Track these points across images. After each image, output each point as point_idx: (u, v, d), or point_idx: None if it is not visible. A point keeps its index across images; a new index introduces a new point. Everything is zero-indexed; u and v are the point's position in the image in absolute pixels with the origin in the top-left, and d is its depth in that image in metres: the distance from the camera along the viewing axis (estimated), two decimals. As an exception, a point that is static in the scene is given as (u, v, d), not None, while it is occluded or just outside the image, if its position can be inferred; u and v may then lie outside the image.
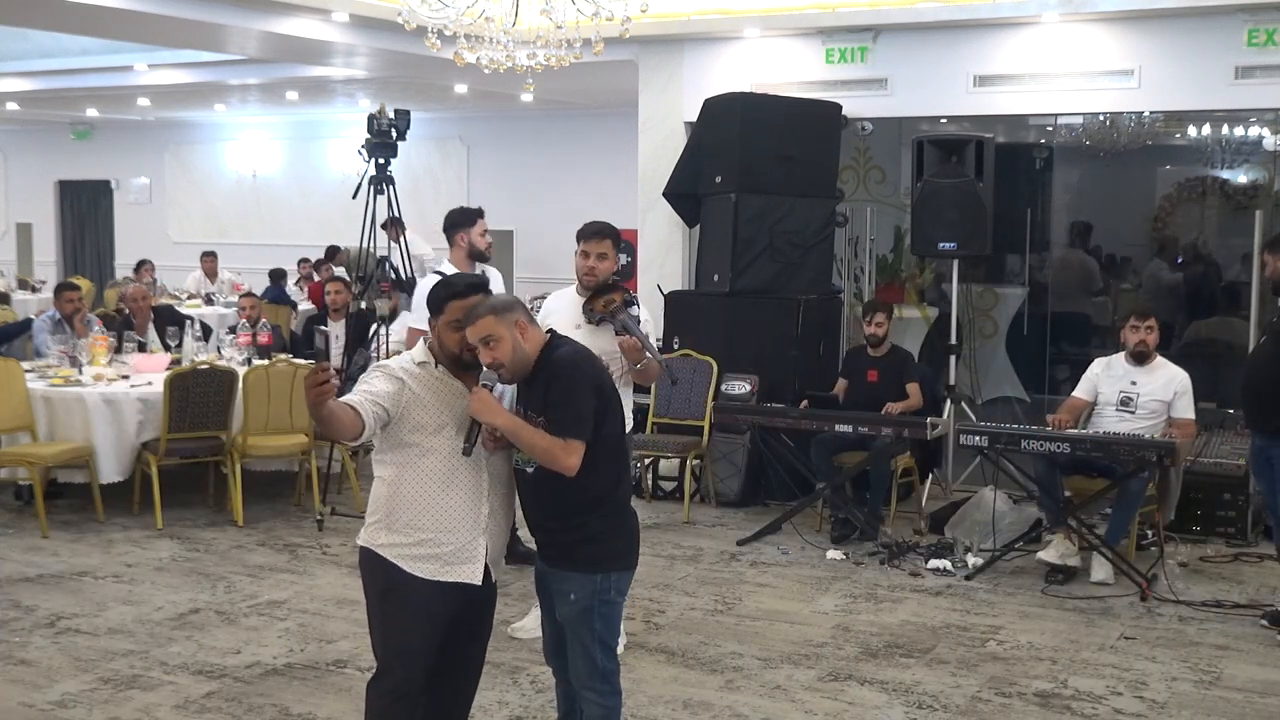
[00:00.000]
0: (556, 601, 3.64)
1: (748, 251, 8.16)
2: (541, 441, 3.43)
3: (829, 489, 7.23)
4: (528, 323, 3.52)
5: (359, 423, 3.35)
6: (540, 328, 3.63)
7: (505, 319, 3.44)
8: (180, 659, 5.21)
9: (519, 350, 3.46)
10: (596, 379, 3.55)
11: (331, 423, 3.30)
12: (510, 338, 3.44)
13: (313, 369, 3.22)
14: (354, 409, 3.35)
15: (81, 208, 19.63)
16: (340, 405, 3.33)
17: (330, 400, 3.23)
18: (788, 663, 5.23)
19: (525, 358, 3.49)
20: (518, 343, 3.45)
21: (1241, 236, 10.12)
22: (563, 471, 3.44)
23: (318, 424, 3.34)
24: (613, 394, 3.61)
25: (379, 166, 8.31)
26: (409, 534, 3.47)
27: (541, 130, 15.55)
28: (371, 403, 3.39)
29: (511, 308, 3.50)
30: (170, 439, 7.21)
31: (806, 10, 8.71)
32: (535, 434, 3.43)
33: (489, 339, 3.42)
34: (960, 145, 8.02)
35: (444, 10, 6.48)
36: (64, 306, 8.75)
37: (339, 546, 6.93)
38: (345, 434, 3.38)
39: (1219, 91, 7.95)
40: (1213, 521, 7.12)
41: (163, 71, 12.44)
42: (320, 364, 3.24)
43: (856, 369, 7.72)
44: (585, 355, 3.61)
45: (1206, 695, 4.93)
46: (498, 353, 3.43)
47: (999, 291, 10.95)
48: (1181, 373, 6.59)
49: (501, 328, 3.43)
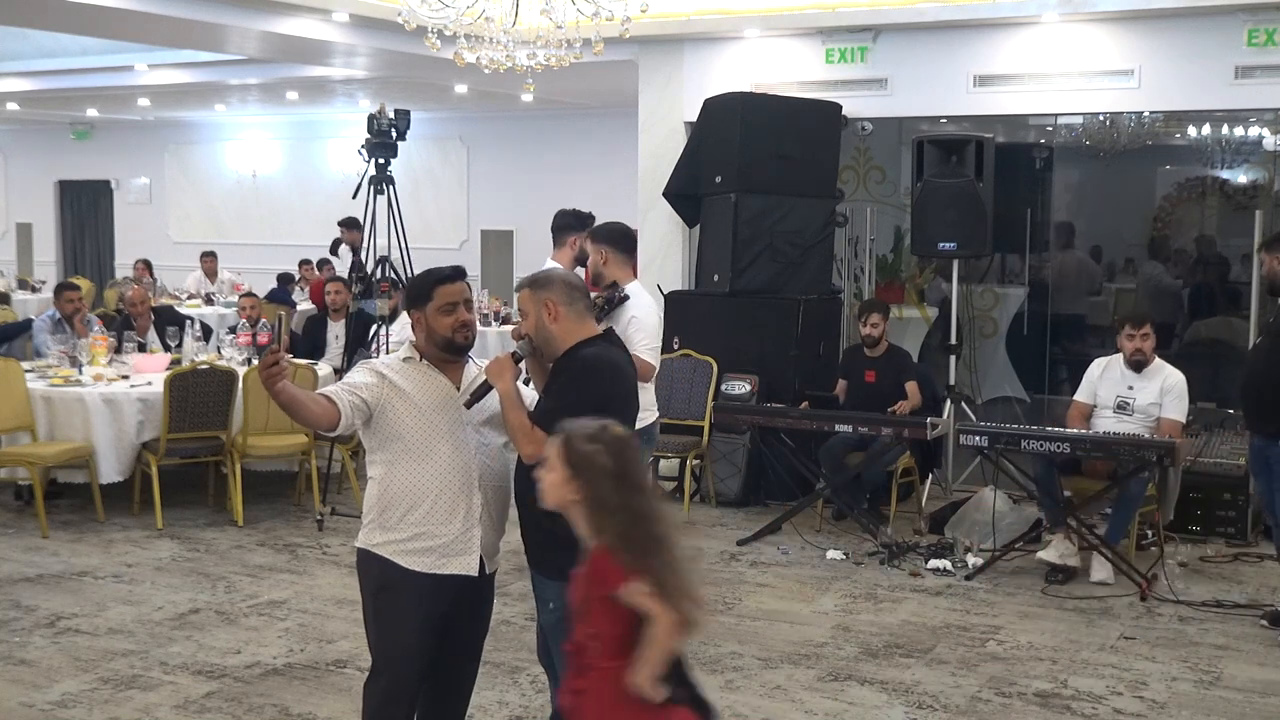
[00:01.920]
0: (538, 607, 3.64)
1: (748, 251, 8.16)
2: (515, 418, 3.44)
3: (829, 489, 7.24)
4: (564, 308, 3.52)
5: (334, 411, 3.37)
6: (588, 320, 3.60)
7: (538, 297, 3.54)
8: (180, 659, 5.21)
9: (544, 329, 3.52)
10: (606, 392, 3.48)
11: (296, 409, 3.32)
12: (536, 315, 3.53)
13: (266, 353, 3.24)
14: (329, 398, 3.38)
15: (81, 208, 19.63)
16: (308, 393, 3.40)
17: (284, 383, 3.24)
18: (788, 663, 5.23)
19: (551, 338, 3.52)
20: (543, 322, 3.52)
21: (1241, 236, 10.12)
22: (521, 456, 3.47)
23: (283, 410, 3.35)
24: (622, 415, 3.49)
25: (379, 166, 8.32)
26: (402, 529, 3.47)
27: (541, 130, 15.55)
28: (348, 393, 3.41)
29: (546, 286, 3.55)
30: (170, 439, 7.21)
31: (806, 10, 8.71)
32: (517, 410, 3.45)
33: (521, 311, 3.58)
34: (960, 145, 8.02)
35: (444, 10, 6.48)
36: (64, 306, 8.75)
37: (339, 546, 6.93)
38: (318, 422, 3.39)
39: (1219, 91, 7.95)
40: (1213, 521, 7.13)
41: (163, 71, 12.44)
42: (271, 348, 3.25)
43: (854, 369, 7.72)
44: (608, 364, 3.54)
45: (1206, 695, 4.93)
46: (525, 324, 3.57)
47: (999, 291, 10.96)
48: (1177, 375, 6.58)
49: (531, 304, 3.54)
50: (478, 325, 3.78)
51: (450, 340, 3.50)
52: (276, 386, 3.23)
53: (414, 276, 3.65)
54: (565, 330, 3.52)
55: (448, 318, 3.48)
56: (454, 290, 3.50)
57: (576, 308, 3.55)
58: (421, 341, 3.54)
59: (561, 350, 3.53)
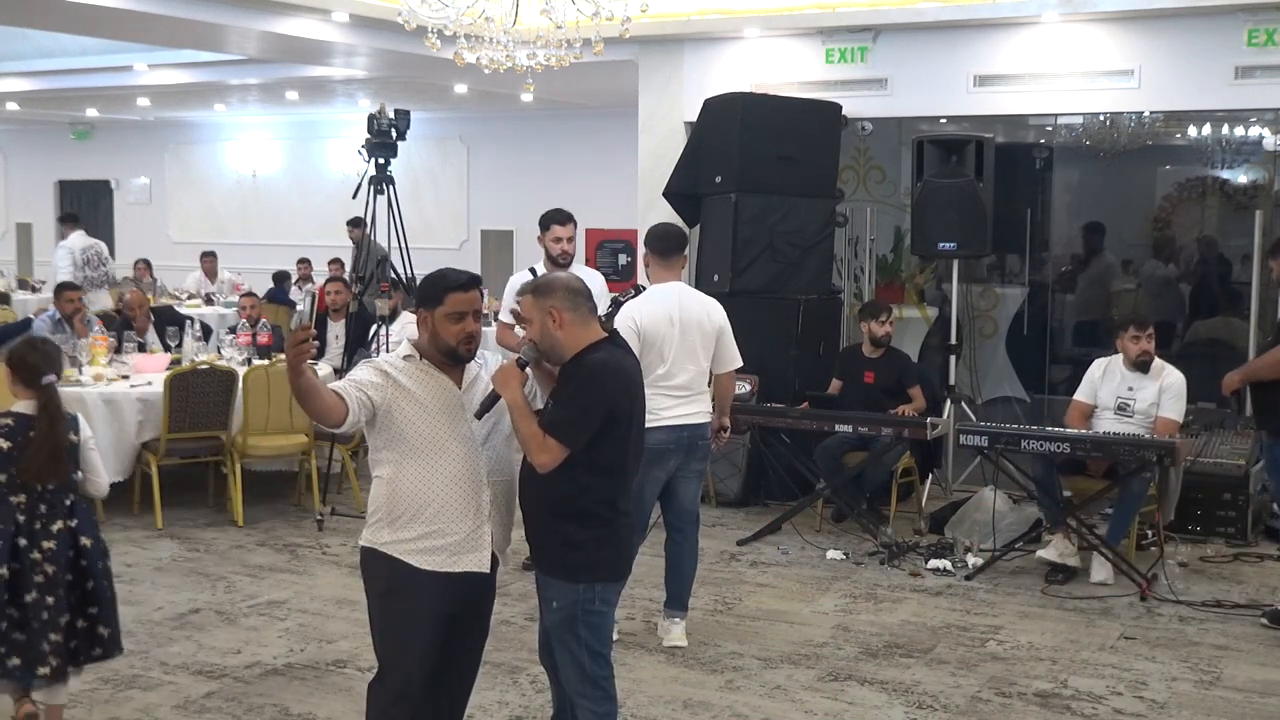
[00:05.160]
0: (543, 607, 3.63)
1: (748, 251, 8.16)
2: (526, 428, 3.43)
3: (829, 489, 7.24)
4: (568, 313, 3.51)
5: (341, 406, 3.34)
6: (593, 323, 3.58)
7: (541, 304, 3.52)
8: (180, 659, 5.21)
9: (548, 335, 3.51)
10: (614, 396, 3.49)
11: (311, 397, 3.28)
12: (541, 322, 3.52)
13: (295, 329, 3.20)
14: (338, 393, 3.36)
15: (81, 208, 19.62)
16: (323, 385, 3.35)
17: (307, 365, 3.22)
18: (788, 663, 5.23)
19: (556, 344, 3.51)
20: (548, 328, 3.51)
21: (1242, 237, 10.13)
22: (534, 465, 3.46)
23: (296, 397, 3.30)
24: (630, 419, 3.54)
25: (379, 166, 8.32)
26: (413, 528, 3.45)
27: (541, 130, 15.55)
28: (356, 389, 3.39)
29: (549, 293, 3.53)
30: (170, 439, 7.21)
31: (806, 10, 8.72)
32: (528, 419, 3.44)
33: (526, 318, 3.56)
34: (960, 145, 8.02)
35: (444, 10, 6.48)
36: (64, 306, 8.75)
37: (339, 546, 6.93)
38: (327, 416, 3.34)
39: (1219, 91, 7.95)
40: (1213, 521, 7.12)
41: (163, 71, 12.45)
42: (302, 324, 3.23)
43: (852, 370, 7.71)
44: (615, 369, 3.53)
45: (1206, 695, 4.93)
46: (530, 332, 3.56)
47: (999, 291, 10.96)
48: (1176, 374, 6.57)
49: (535, 310, 3.53)
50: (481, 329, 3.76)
51: (454, 350, 3.48)
52: (300, 367, 3.20)
53: (429, 275, 3.58)
54: (571, 336, 3.51)
55: (455, 326, 3.46)
56: (466, 299, 3.47)
57: (580, 312, 3.54)
58: (424, 342, 3.52)
59: (568, 356, 3.52)
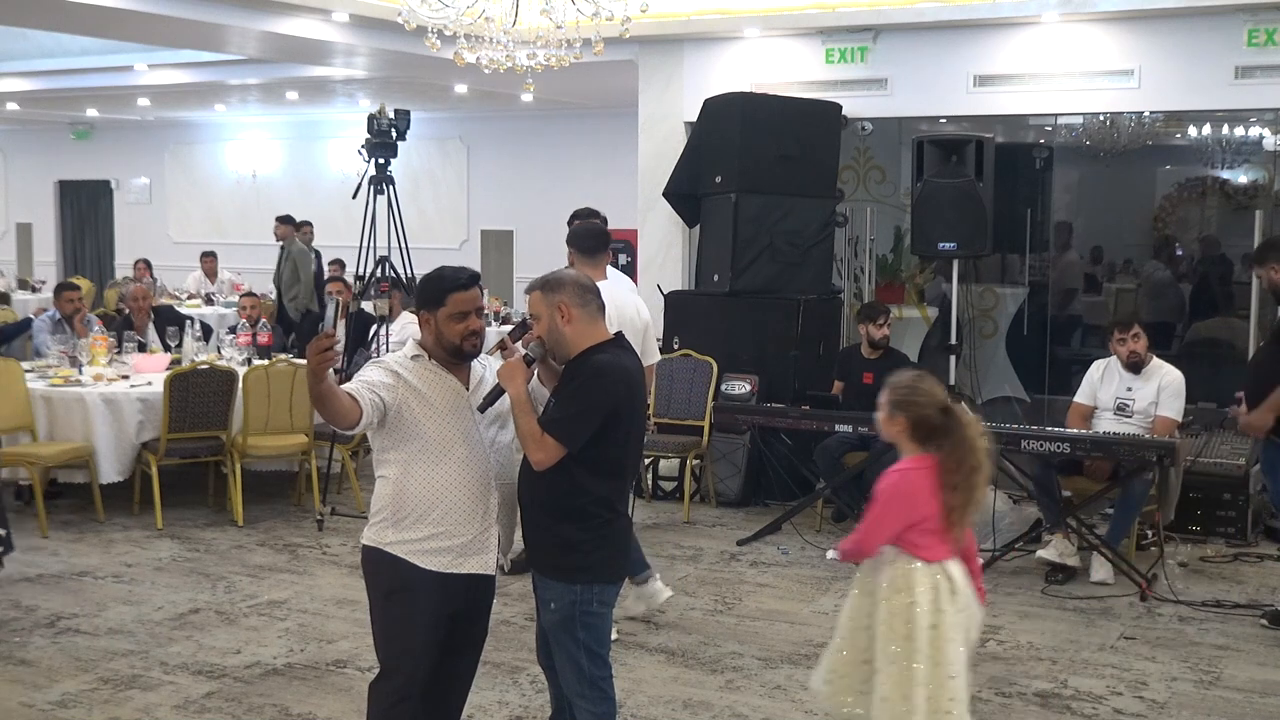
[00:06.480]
0: (540, 608, 3.63)
1: (748, 251, 8.16)
2: (526, 424, 3.42)
3: (829, 489, 7.23)
4: (577, 310, 3.50)
5: (356, 409, 3.32)
6: (599, 322, 3.57)
7: (550, 299, 3.51)
8: (180, 659, 5.21)
9: (556, 331, 3.50)
10: (614, 398, 3.47)
11: (329, 401, 3.24)
12: (548, 318, 3.51)
13: (318, 335, 3.16)
14: (352, 396, 3.33)
15: (81, 208, 19.64)
16: (339, 389, 3.31)
17: (330, 373, 3.19)
18: (788, 663, 5.23)
19: (563, 341, 3.51)
20: (555, 324, 3.50)
21: (1242, 237, 10.12)
22: (530, 462, 3.45)
23: (315, 402, 3.26)
24: (630, 421, 3.53)
25: (379, 166, 8.32)
26: (419, 529, 3.45)
27: (541, 130, 15.55)
28: (369, 390, 3.37)
29: (559, 289, 3.51)
30: (170, 439, 7.21)
31: (806, 10, 8.72)
32: (528, 415, 3.43)
33: (534, 314, 3.55)
34: (960, 145, 8.01)
35: (444, 10, 6.48)
36: (64, 306, 8.75)
37: (339, 546, 6.93)
38: (342, 419, 3.31)
39: (1219, 91, 7.96)
40: (1213, 521, 7.12)
41: (163, 71, 12.45)
42: (326, 330, 3.20)
43: (851, 371, 7.71)
44: (618, 371, 3.51)
45: (1206, 695, 4.93)
46: (537, 328, 3.54)
47: (999, 291, 10.95)
48: (1175, 373, 6.56)
49: (543, 306, 3.52)
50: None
51: (459, 348, 3.48)
52: (322, 373, 3.16)
53: (427, 276, 3.56)
54: (578, 333, 3.51)
55: (458, 324, 3.46)
56: (467, 298, 3.46)
57: (589, 309, 3.53)
58: (429, 343, 3.52)
59: (574, 353, 3.51)
